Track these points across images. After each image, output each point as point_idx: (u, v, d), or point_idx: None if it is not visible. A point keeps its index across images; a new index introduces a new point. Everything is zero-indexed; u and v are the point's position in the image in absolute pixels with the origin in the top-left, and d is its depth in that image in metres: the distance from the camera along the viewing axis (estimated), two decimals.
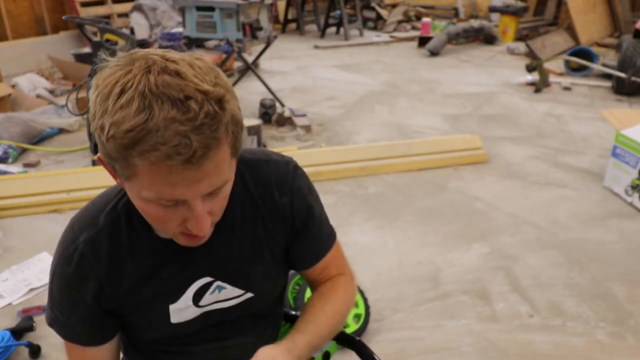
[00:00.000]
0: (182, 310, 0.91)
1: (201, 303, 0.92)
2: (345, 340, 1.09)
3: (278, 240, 0.95)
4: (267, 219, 0.93)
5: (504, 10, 8.06)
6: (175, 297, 0.90)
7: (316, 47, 7.64)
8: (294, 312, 1.18)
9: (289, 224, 0.94)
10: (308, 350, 0.92)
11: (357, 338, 1.08)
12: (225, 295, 0.93)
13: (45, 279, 2.27)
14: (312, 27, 8.71)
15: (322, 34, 8.30)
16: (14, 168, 3.39)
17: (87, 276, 0.85)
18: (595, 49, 6.59)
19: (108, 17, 6.64)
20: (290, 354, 0.87)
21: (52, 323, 0.91)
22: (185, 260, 0.89)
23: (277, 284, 1.02)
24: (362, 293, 2.13)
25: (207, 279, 0.91)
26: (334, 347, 1.08)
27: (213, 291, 0.92)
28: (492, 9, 8.48)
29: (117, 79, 0.67)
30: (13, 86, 4.75)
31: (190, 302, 0.91)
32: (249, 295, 0.95)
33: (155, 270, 0.88)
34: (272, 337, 1.09)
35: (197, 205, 0.73)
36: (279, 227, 0.94)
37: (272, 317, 1.06)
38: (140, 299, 0.89)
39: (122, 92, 0.65)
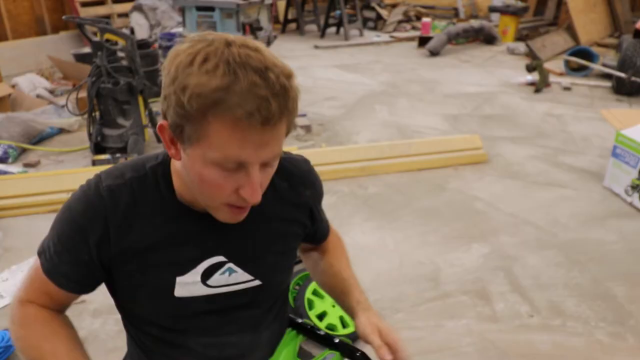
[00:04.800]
0: (188, 285, 0.91)
1: (209, 282, 0.93)
2: (349, 351, 1.08)
3: (293, 228, 1.00)
4: (287, 211, 0.98)
5: (504, 10, 8.06)
6: (184, 269, 0.91)
7: (316, 47, 7.64)
8: (300, 320, 1.18)
9: (308, 215, 1.02)
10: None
11: (361, 350, 1.07)
12: (234, 279, 0.94)
13: None
14: (312, 27, 8.71)
15: (322, 34, 8.30)
16: (14, 168, 3.39)
17: (98, 219, 0.86)
18: (595, 49, 6.60)
19: (108, 17, 6.65)
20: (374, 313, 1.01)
21: (41, 253, 0.90)
22: (204, 235, 0.91)
23: (285, 277, 1.05)
24: None
25: (221, 259, 0.92)
26: (337, 357, 1.08)
27: (223, 272, 0.93)
28: (492, 9, 8.49)
29: (199, 50, 0.72)
30: (13, 86, 4.75)
31: (198, 278, 0.92)
32: (257, 282, 0.96)
33: (172, 237, 0.89)
34: (272, 341, 1.08)
35: (255, 171, 0.77)
36: (297, 218, 1.00)
37: (271, 316, 1.06)
38: (149, 262, 0.89)
39: (206, 59, 0.71)
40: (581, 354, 1.97)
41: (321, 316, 2.00)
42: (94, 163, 3.41)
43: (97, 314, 2.10)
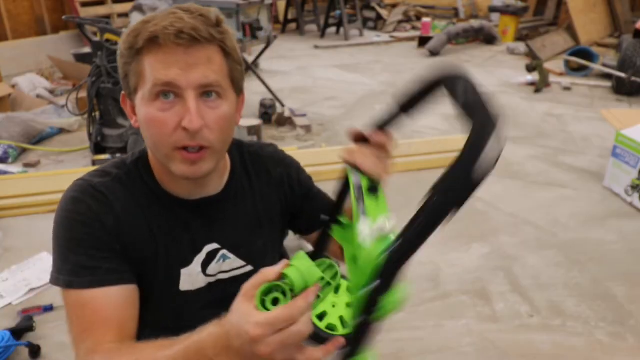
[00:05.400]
0: (192, 276, 0.93)
1: (207, 272, 0.95)
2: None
3: (275, 208, 1.04)
4: (263, 190, 1.03)
5: (504, 10, 8.06)
6: (187, 261, 0.93)
7: (316, 47, 7.64)
8: None
9: (286, 191, 1.05)
10: None
11: None
12: (228, 265, 0.97)
13: (46, 279, 2.26)
14: (312, 27, 8.71)
15: (322, 34, 8.30)
16: (14, 168, 3.39)
17: (105, 207, 0.85)
18: (595, 49, 6.59)
19: (108, 17, 6.64)
20: None
21: (63, 279, 0.81)
22: (195, 222, 0.93)
23: (275, 260, 1.06)
24: None
25: (215, 246, 0.95)
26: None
27: (218, 260, 0.96)
28: (492, 9, 8.49)
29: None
30: (13, 86, 4.75)
31: (200, 268, 0.94)
32: (249, 268, 0.99)
33: (171, 224, 0.91)
34: None
35: (190, 96, 0.78)
36: (275, 196, 1.04)
37: None
38: (154, 254, 0.89)
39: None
40: (581, 354, 1.97)
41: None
42: (94, 163, 3.41)
43: None
